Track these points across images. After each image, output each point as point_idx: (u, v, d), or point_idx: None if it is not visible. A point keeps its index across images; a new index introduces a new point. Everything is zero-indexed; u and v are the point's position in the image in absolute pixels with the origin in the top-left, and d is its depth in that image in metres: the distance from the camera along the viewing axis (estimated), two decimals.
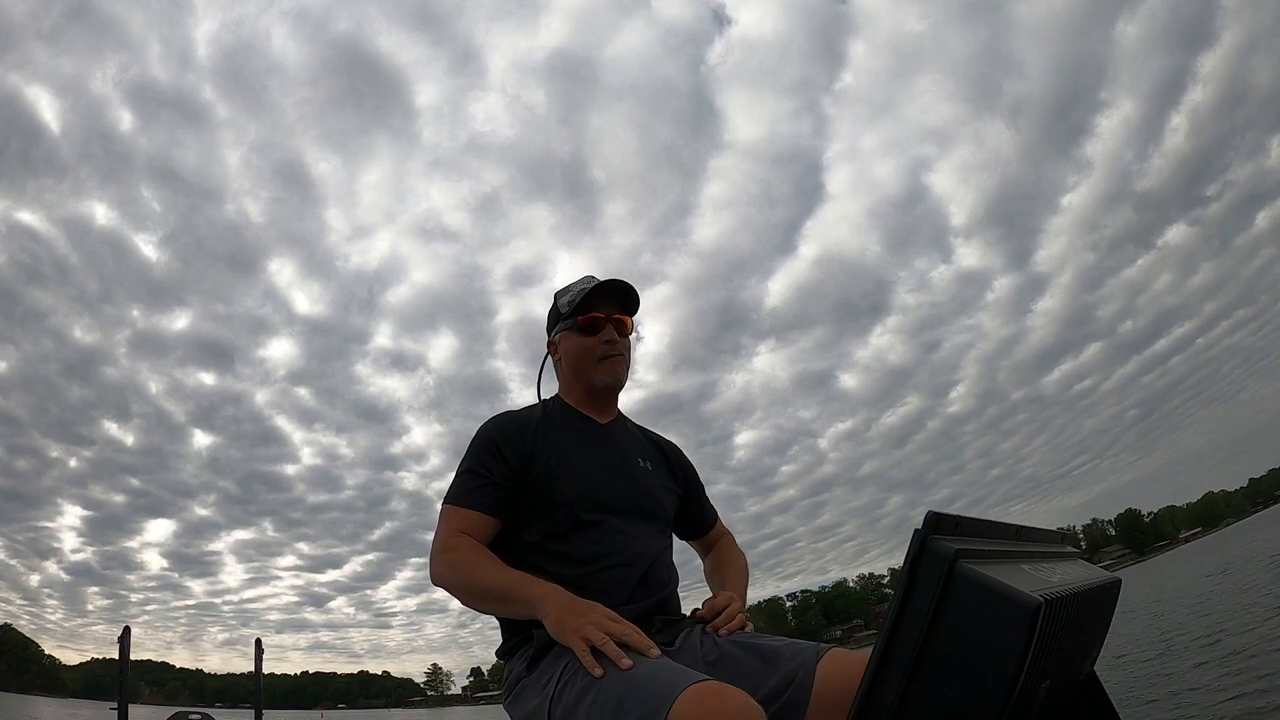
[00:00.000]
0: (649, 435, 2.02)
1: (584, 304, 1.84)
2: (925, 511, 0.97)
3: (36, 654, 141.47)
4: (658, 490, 1.84)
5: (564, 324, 1.87)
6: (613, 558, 1.66)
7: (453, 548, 1.61)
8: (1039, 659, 0.93)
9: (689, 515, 2.01)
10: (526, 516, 1.70)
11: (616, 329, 1.85)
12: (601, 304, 1.85)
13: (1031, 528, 1.29)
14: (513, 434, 1.74)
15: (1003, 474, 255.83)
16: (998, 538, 1.15)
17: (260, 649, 13.31)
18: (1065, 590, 1.00)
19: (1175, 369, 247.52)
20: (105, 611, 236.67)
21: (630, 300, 1.87)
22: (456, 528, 1.64)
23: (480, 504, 1.66)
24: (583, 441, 1.80)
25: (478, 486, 1.67)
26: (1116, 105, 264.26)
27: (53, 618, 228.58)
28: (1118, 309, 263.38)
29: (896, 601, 0.96)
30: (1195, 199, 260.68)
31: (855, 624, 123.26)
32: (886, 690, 0.96)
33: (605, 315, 1.84)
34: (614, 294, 1.86)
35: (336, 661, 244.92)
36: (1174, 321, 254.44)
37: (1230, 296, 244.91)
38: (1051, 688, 1.09)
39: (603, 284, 1.84)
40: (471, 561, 1.58)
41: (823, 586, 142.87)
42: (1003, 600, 0.90)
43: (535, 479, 1.70)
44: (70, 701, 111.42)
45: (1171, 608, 13.21)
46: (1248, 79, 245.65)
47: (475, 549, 1.61)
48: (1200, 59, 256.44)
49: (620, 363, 1.86)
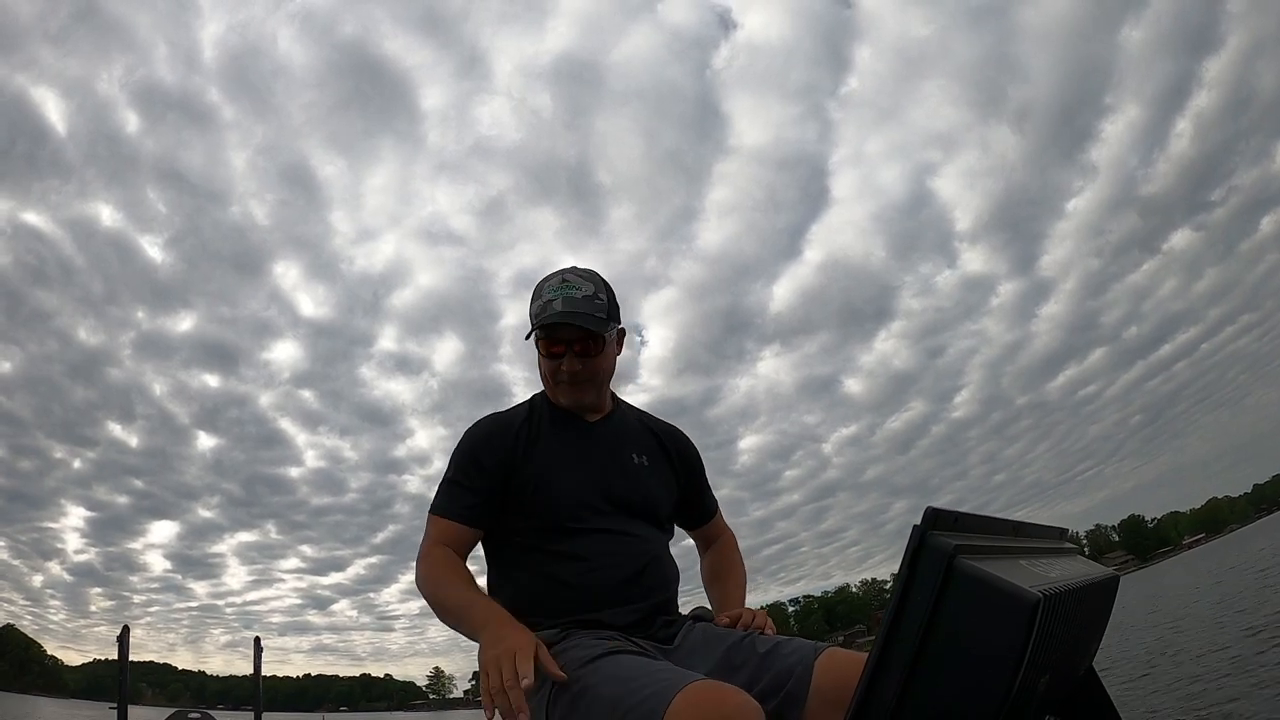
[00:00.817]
0: (648, 424, 1.93)
1: (545, 330, 1.71)
2: (925, 508, 0.98)
3: (39, 654, 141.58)
4: (652, 486, 1.80)
5: (533, 334, 1.74)
6: (605, 559, 1.64)
7: (426, 558, 1.64)
8: (1038, 654, 0.94)
9: (689, 504, 1.96)
10: (515, 518, 1.70)
11: (580, 356, 1.72)
12: (563, 330, 1.71)
13: (1030, 524, 1.29)
14: (494, 440, 1.73)
15: (1007, 479, 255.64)
16: (996, 534, 1.16)
17: (259, 649, 13.28)
18: (1064, 586, 1.01)
19: (1180, 374, 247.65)
20: (108, 612, 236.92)
21: (590, 327, 1.70)
22: (436, 538, 1.66)
23: (458, 514, 1.67)
24: (569, 443, 1.76)
25: (457, 496, 1.69)
26: (1121, 110, 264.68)
27: (55, 618, 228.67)
28: (1122, 314, 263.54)
29: (896, 597, 0.97)
30: (1200, 204, 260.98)
31: (857, 629, 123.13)
32: (886, 686, 0.97)
33: (566, 345, 1.71)
34: (578, 320, 1.70)
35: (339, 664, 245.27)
36: (1179, 327, 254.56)
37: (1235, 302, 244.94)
38: (1051, 683, 1.09)
39: (557, 315, 1.68)
40: (437, 576, 1.61)
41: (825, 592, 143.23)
42: (1002, 595, 0.91)
43: (520, 484, 1.69)
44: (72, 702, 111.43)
45: (1143, 621, 13.07)
46: (1253, 84, 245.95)
47: (445, 563, 1.62)
48: (1205, 64, 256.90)
49: (583, 389, 1.76)
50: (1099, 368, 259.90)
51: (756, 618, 1.65)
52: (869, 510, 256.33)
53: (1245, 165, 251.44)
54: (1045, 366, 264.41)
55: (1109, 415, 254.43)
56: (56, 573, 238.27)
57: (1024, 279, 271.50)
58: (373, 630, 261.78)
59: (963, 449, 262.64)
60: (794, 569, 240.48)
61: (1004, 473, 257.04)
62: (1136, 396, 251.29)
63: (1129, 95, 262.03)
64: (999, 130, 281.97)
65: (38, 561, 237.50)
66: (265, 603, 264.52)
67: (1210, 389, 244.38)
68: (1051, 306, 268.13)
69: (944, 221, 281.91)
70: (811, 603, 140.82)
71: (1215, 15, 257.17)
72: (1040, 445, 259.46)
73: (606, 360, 1.78)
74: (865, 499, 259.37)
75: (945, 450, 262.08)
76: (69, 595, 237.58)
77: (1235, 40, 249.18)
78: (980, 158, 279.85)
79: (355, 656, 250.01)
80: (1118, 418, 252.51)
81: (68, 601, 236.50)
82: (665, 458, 1.89)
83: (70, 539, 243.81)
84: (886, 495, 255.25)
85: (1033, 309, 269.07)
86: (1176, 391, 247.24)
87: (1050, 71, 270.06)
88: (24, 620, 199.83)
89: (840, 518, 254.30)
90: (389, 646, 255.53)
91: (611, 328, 1.76)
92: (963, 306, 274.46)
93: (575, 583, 1.61)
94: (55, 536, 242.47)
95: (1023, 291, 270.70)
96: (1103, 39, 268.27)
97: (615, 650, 1.41)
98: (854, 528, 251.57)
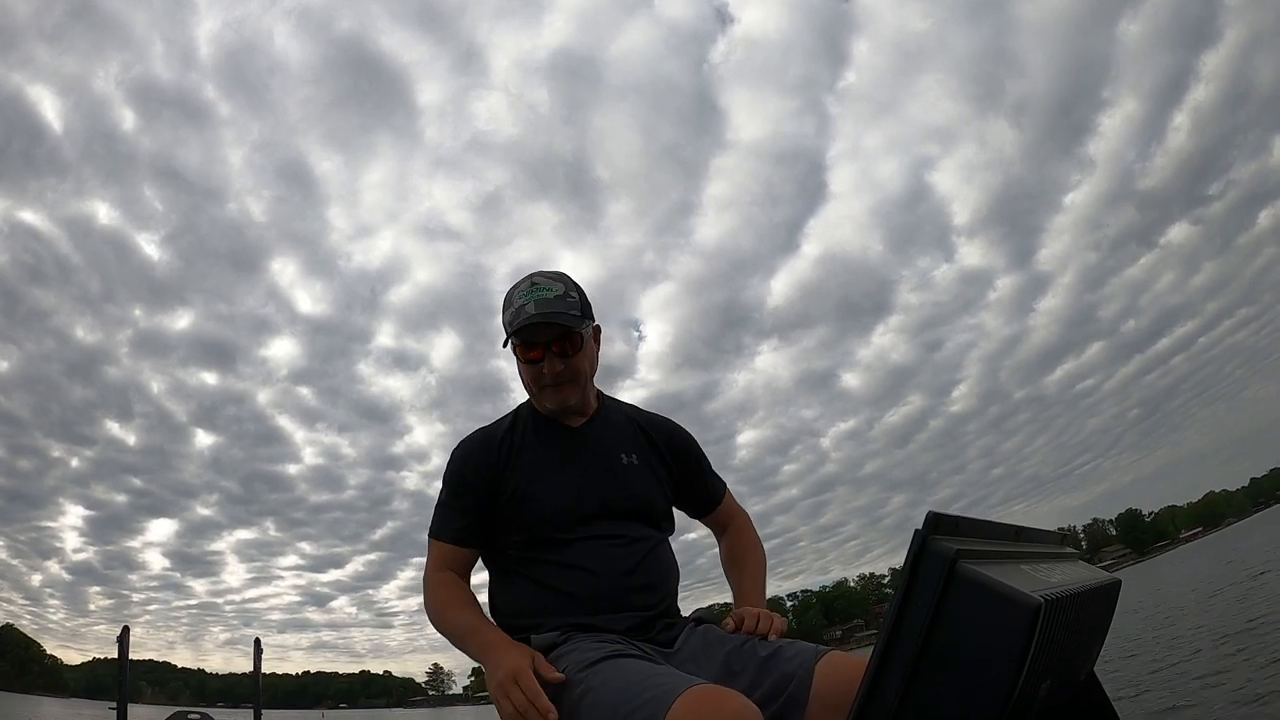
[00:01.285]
0: (637, 419, 1.90)
1: (521, 334, 1.69)
2: (926, 512, 0.97)
3: (38, 654, 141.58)
4: (644, 484, 1.78)
5: (510, 341, 1.72)
6: (600, 565, 1.64)
7: (428, 585, 1.71)
8: (1039, 659, 0.93)
9: (691, 494, 1.93)
10: (506, 532, 1.71)
11: (559, 356, 1.70)
12: (540, 332, 1.69)
13: (1031, 528, 1.29)
14: (477, 457, 1.74)
15: (1004, 474, 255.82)
16: (998, 538, 1.16)
17: (259, 649, 13.31)
18: (1065, 591, 1.01)
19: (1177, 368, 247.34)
20: (107, 611, 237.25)
21: (566, 319, 1.69)
22: (437, 563, 1.72)
23: (453, 537, 1.72)
24: (553, 451, 1.76)
25: (449, 519, 1.74)
26: (1119, 104, 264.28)
27: (54, 618, 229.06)
28: (1120, 308, 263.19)
29: (897, 602, 0.96)
30: (1198, 198, 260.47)
31: (855, 624, 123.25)
32: (886, 690, 0.96)
33: (544, 347, 1.70)
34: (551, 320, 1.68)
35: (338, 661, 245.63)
36: (1176, 321, 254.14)
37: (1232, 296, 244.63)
38: (1052, 688, 1.09)
39: (531, 319, 1.66)
40: (440, 601, 1.68)
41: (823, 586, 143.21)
42: (1003, 600, 0.90)
43: (507, 498, 1.70)
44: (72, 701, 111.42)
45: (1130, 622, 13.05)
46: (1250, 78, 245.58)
47: (447, 587, 1.69)
48: (1203, 57, 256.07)
49: (566, 390, 1.73)
50: (1097, 361, 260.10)
51: (761, 621, 1.60)
52: (867, 505, 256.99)
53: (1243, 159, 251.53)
54: (1043, 360, 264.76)
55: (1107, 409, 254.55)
56: (55, 572, 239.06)
57: (1022, 273, 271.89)
58: (372, 627, 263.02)
59: (961, 443, 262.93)
60: (792, 563, 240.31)
61: (1002, 466, 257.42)
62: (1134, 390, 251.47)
63: (1127, 89, 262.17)
64: (997, 124, 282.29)
65: (36, 561, 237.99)
66: (264, 600, 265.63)
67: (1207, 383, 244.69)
68: (1049, 300, 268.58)
69: (942, 216, 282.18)
70: (810, 598, 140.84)
71: (1213, 9, 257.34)
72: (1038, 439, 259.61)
73: (586, 358, 1.76)
74: (863, 493, 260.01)
75: (943, 444, 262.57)
76: (68, 594, 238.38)
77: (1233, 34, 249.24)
78: (978, 152, 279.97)
79: (354, 653, 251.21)
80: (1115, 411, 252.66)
81: (67, 601, 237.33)
82: (655, 452, 1.86)
83: (69, 538, 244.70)
84: (885, 490, 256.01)
85: (1030, 303, 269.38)
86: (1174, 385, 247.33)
87: (1048, 65, 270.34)
88: (23, 620, 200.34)
89: (838, 512, 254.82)
90: (388, 643, 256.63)
91: (587, 325, 1.75)
92: (960, 300, 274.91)
93: (571, 591, 1.61)
94: (54, 535, 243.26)
95: (1020, 285, 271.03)
96: (1100, 33, 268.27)
97: (616, 654, 1.41)
98: (852, 522, 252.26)
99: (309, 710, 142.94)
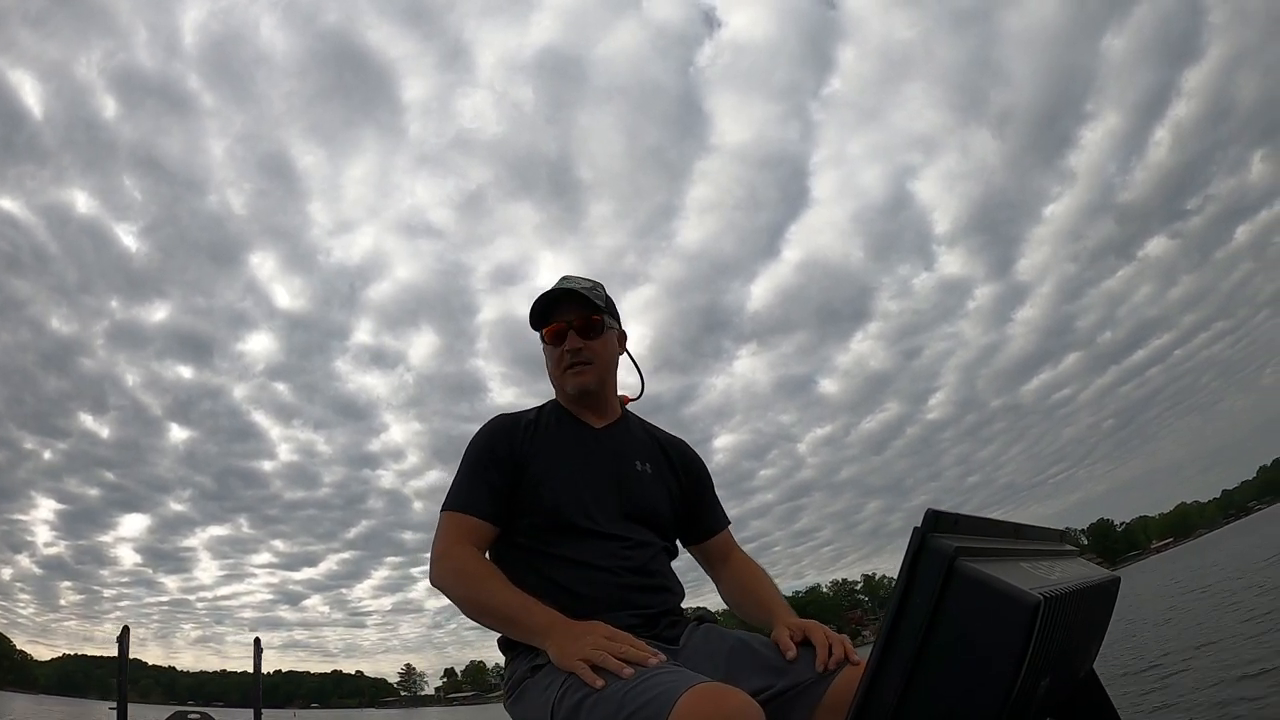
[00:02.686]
0: (654, 434, 1.94)
1: (543, 314, 1.79)
2: (926, 510, 0.97)
3: (8, 649, 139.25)
4: (655, 494, 1.79)
5: (534, 322, 1.82)
6: (604, 564, 1.64)
7: (456, 556, 1.60)
8: (1038, 657, 0.94)
9: (694, 515, 1.91)
10: (519, 517, 1.69)
11: (580, 333, 1.77)
12: (562, 311, 1.78)
13: (1031, 526, 1.30)
14: (505, 437, 1.73)
15: (980, 481, 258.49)
16: (997, 536, 1.16)
17: (259, 648, 13.11)
18: (1064, 588, 1.01)
19: (1153, 380, 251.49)
20: (78, 606, 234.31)
21: (590, 300, 1.78)
22: (458, 535, 1.63)
23: (479, 510, 1.65)
24: (572, 447, 1.77)
25: (476, 491, 1.67)
26: (1102, 117, 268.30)
27: (24, 612, 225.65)
28: (1097, 319, 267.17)
29: (896, 599, 0.97)
30: (1177, 212, 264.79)
31: None
32: (886, 688, 0.96)
33: (566, 323, 1.77)
34: (574, 297, 1.78)
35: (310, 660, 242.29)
36: (1153, 333, 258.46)
37: (1209, 309, 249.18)
38: (1051, 686, 1.09)
39: (555, 293, 1.78)
40: (477, 575, 1.58)
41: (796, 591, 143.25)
42: (1002, 598, 0.91)
43: (524, 485, 1.69)
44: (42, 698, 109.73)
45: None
46: (1232, 94, 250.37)
47: (479, 561, 1.61)
48: (1186, 73, 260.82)
49: (586, 371, 1.78)
50: (1073, 372, 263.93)
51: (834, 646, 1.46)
52: (843, 510, 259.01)
53: (1222, 175, 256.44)
54: (1020, 370, 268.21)
55: (1082, 419, 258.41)
56: (25, 566, 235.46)
57: (1001, 282, 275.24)
58: (344, 626, 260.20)
59: (937, 450, 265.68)
60: (767, 568, 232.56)
61: (978, 474, 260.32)
62: (1110, 401, 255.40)
63: (1109, 103, 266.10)
64: (980, 134, 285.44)
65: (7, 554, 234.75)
66: (236, 598, 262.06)
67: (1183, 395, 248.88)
68: (1027, 310, 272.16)
69: (923, 224, 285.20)
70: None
71: (1197, 25, 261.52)
72: (1014, 448, 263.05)
73: (608, 347, 1.82)
74: (839, 499, 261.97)
75: (920, 451, 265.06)
76: (38, 589, 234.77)
77: (1216, 51, 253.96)
78: (960, 161, 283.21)
79: (327, 653, 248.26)
80: (1091, 422, 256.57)
81: (37, 595, 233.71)
82: (669, 466, 1.88)
83: (40, 531, 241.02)
84: (860, 495, 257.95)
85: (1009, 312, 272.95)
86: (1149, 397, 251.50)
87: (1032, 77, 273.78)
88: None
89: (814, 517, 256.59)
90: (361, 643, 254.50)
91: (610, 320, 1.83)
92: (940, 309, 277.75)
93: (577, 588, 1.60)
94: (25, 529, 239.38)
95: (999, 295, 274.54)
96: (1085, 46, 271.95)
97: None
98: (828, 527, 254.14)
99: (280, 709, 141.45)
